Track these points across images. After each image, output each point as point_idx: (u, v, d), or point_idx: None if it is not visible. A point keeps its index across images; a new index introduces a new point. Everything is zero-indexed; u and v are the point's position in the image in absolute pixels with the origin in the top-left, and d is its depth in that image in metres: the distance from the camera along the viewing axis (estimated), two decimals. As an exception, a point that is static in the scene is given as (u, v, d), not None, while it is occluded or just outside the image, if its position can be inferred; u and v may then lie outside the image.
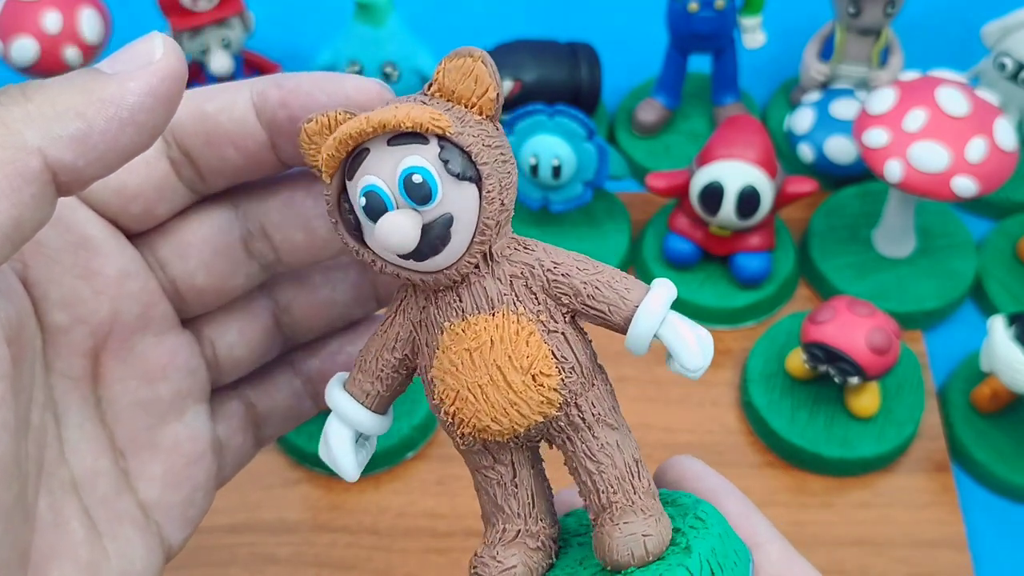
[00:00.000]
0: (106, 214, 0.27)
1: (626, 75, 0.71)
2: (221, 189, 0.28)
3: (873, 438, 0.54)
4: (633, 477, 0.25)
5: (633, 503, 0.25)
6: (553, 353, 0.24)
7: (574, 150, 0.58)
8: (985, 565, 0.52)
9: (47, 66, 0.64)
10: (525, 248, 0.25)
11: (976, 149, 0.53)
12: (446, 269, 0.24)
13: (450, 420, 0.25)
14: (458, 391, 0.24)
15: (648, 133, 0.68)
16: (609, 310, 0.25)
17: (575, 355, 0.25)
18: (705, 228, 0.60)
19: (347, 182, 0.24)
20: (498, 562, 0.26)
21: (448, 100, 0.24)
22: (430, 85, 0.24)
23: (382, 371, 0.26)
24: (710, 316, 0.61)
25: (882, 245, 0.62)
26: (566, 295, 0.25)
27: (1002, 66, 0.62)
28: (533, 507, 0.27)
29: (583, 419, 0.25)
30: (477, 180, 0.23)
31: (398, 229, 0.23)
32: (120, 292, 0.27)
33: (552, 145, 0.58)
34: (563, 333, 0.25)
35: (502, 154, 0.24)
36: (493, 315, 0.24)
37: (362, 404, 0.26)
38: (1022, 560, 0.53)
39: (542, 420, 0.25)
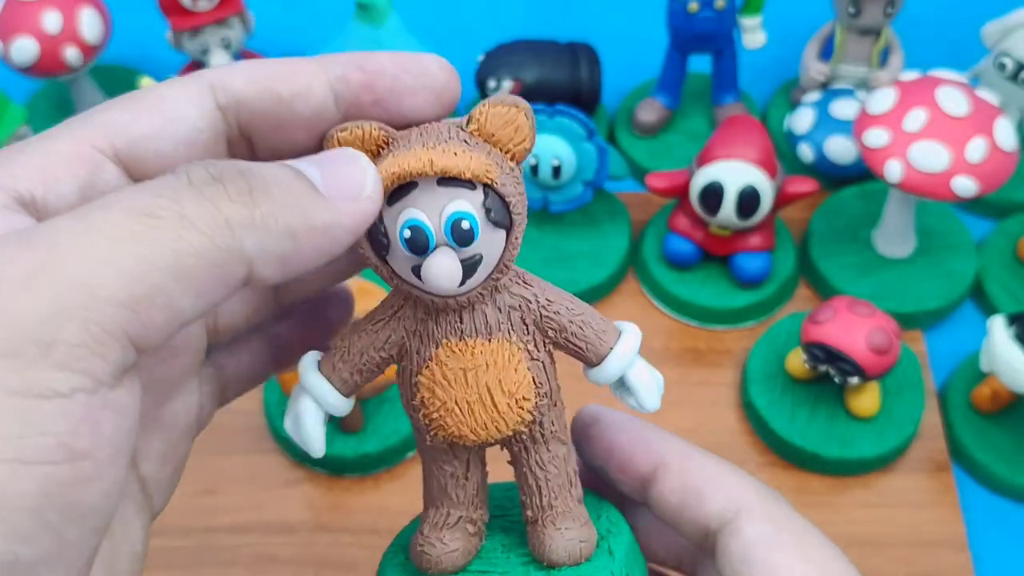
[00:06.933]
0: None
1: (626, 75, 0.71)
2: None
3: (873, 438, 0.54)
4: (572, 487, 0.29)
5: (570, 509, 0.29)
6: (534, 379, 0.27)
7: (574, 150, 0.58)
8: (985, 565, 0.52)
9: (47, 66, 0.64)
10: (524, 283, 0.27)
11: (976, 149, 0.53)
12: (458, 296, 0.26)
13: (428, 423, 0.27)
14: (445, 403, 0.27)
15: (648, 133, 0.68)
16: (586, 347, 0.27)
17: (548, 381, 0.28)
18: (705, 228, 0.60)
19: (385, 207, 0.25)
20: (444, 544, 0.29)
21: (486, 141, 0.25)
22: (469, 120, 0.25)
23: (364, 366, 0.27)
24: (710, 316, 0.61)
25: (882, 245, 0.62)
26: (553, 330, 0.27)
27: (1002, 66, 0.62)
28: (476, 497, 0.29)
29: (543, 434, 0.28)
30: (508, 227, 0.25)
31: (448, 273, 0.25)
32: None
33: (552, 145, 0.58)
34: (542, 361, 0.27)
35: (524, 201, 0.26)
36: (489, 340, 0.27)
37: (338, 391, 0.28)
38: (1022, 560, 0.53)
39: (512, 435, 0.28)
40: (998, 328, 0.50)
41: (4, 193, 0.23)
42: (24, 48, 0.63)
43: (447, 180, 0.24)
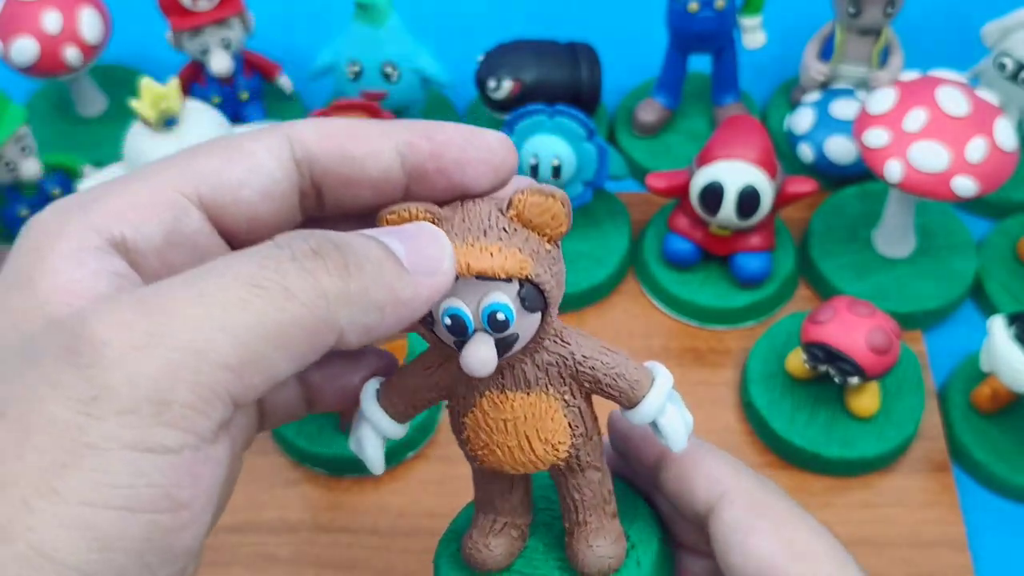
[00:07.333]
0: (232, 238, 0.28)
1: (626, 75, 0.71)
2: (330, 216, 0.29)
3: (873, 438, 0.54)
4: (607, 504, 0.32)
5: (603, 526, 0.32)
6: (570, 424, 0.30)
7: (574, 150, 0.58)
8: (985, 565, 0.52)
9: (47, 66, 0.64)
10: (562, 341, 0.29)
11: (976, 149, 0.53)
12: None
13: (473, 456, 0.31)
14: (488, 444, 0.30)
15: (648, 133, 0.68)
16: (620, 396, 0.30)
17: (584, 423, 0.30)
18: (705, 228, 0.60)
19: None
20: (489, 550, 0.32)
21: (525, 226, 0.27)
22: (509, 205, 0.27)
23: (418, 402, 0.30)
24: (710, 316, 0.61)
25: (882, 245, 0.62)
26: (589, 382, 0.30)
27: (1002, 66, 0.62)
28: (520, 506, 0.33)
29: (579, 464, 0.31)
30: (543, 308, 0.28)
31: (482, 363, 0.27)
32: None
33: (552, 145, 0.58)
34: (579, 407, 0.30)
35: (561, 280, 0.28)
36: (528, 394, 0.29)
37: (394, 420, 0.30)
38: (1022, 560, 0.53)
39: (549, 467, 0.31)
40: (998, 328, 0.50)
41: (99, 236, 0.25)
42: (24, 48, 0.63)
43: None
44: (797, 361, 0.56)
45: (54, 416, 0.21)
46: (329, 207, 0.29)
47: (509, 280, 0.27)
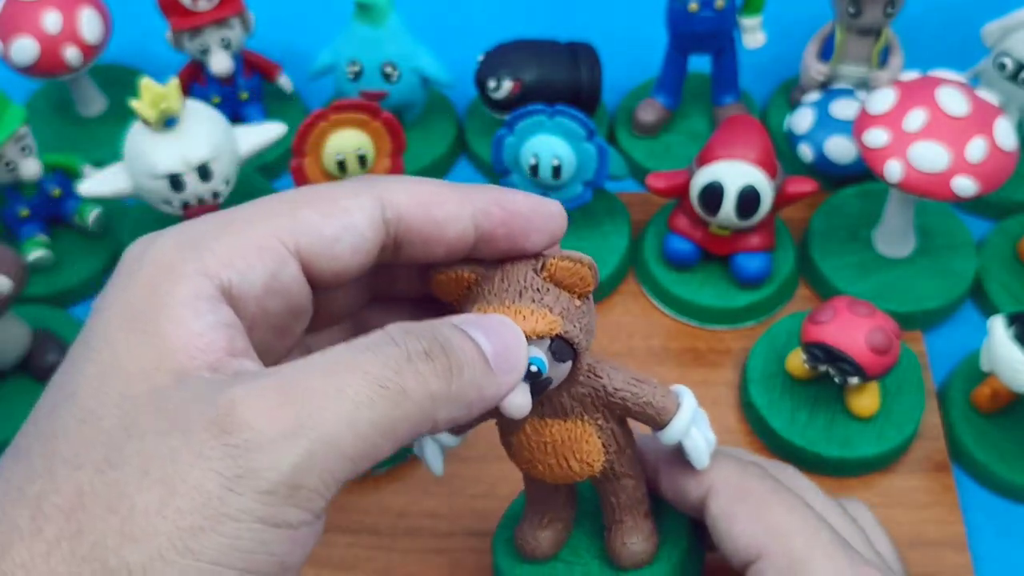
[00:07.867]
0: (316, 283, 0.31)
1: (626, 75, 0.71)
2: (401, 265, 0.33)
3: (873, 438, 0.54)
4: (640, 505, 0.37)
5: (637, 524, 0.37)
6: (603, 444, 0.34)
7: (574, 150, 0.58)
8: (985, 565, 0.52)
9: (47, 66, 0.64)
10: (595, 375, 0.33)
11: (976, 149, 0.53)
12: None
13: (519, 467, 0.35)
14: (531, 460, 0.34)
15: (648, 133, 0.68)
16: (648, 421, 0.34)
17: (618, 440, 0.35)
18: (705, 228, 0.60)
19: None
20: (537, 541, 0.38)
21: (557, 286, 0.31)
22: (543, 267, 0.31)
23: (473, 421, 0.33)
24: (710, 316, 0.61)
25: (882, 245, 0.62)
26: (619, 409, 0.34)
27: (1002, 66, 0.62)
28: (566, 502, 0.38)
29: (614, 474, 0.35)
30: (574, 358, 0.31)
31: (517, 407, 0.30)
32: None
33: (552, 145, 0.58)
34: (611, 429, 0.34)
35: (590, 329, 0.32)
36: (565, 420, 0.33)
37: (451, 433, 0.35)
38: (1022, 560, 0.53)
39: (585, 479, 0.35)
40: (998, 328, 0.50)
41: (210, 282, 0.28)
42: (24, 48, 0.63)
43: None
44: (797, 361, 0.56)
45: (199, 485, 0.24)
46: (403, 259, 0.32)
47: (541, 337, 0.30)
